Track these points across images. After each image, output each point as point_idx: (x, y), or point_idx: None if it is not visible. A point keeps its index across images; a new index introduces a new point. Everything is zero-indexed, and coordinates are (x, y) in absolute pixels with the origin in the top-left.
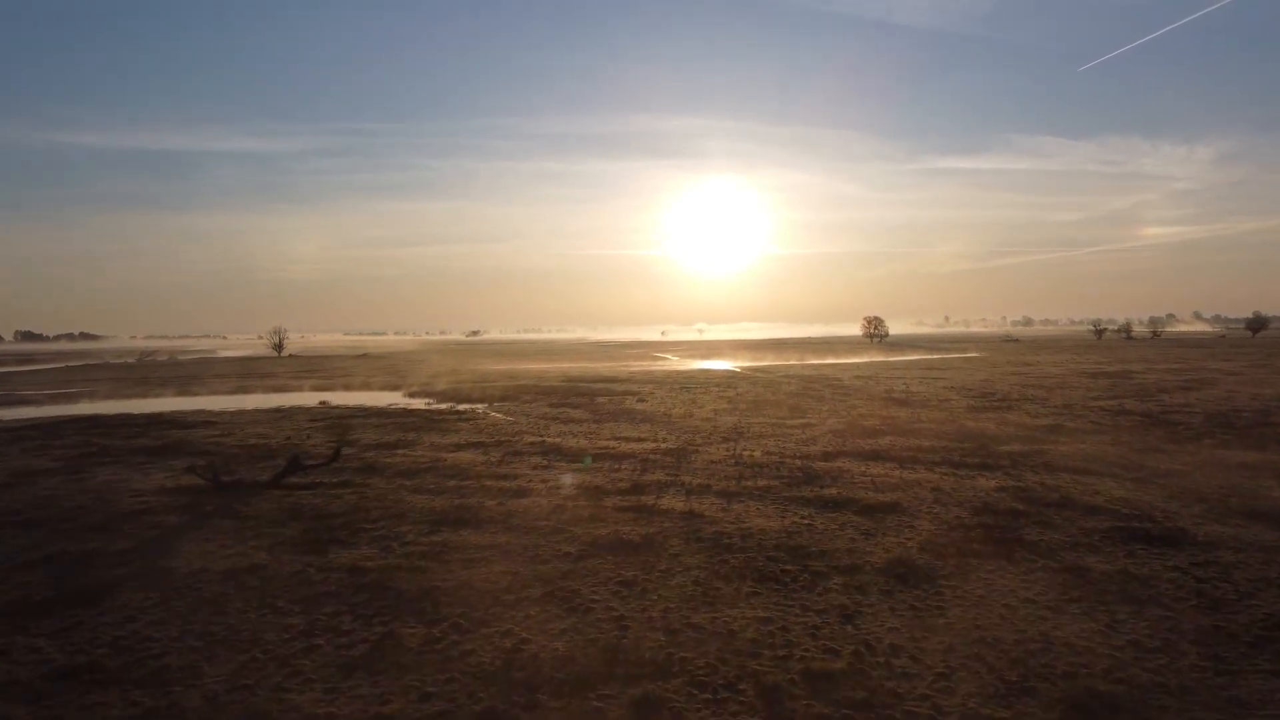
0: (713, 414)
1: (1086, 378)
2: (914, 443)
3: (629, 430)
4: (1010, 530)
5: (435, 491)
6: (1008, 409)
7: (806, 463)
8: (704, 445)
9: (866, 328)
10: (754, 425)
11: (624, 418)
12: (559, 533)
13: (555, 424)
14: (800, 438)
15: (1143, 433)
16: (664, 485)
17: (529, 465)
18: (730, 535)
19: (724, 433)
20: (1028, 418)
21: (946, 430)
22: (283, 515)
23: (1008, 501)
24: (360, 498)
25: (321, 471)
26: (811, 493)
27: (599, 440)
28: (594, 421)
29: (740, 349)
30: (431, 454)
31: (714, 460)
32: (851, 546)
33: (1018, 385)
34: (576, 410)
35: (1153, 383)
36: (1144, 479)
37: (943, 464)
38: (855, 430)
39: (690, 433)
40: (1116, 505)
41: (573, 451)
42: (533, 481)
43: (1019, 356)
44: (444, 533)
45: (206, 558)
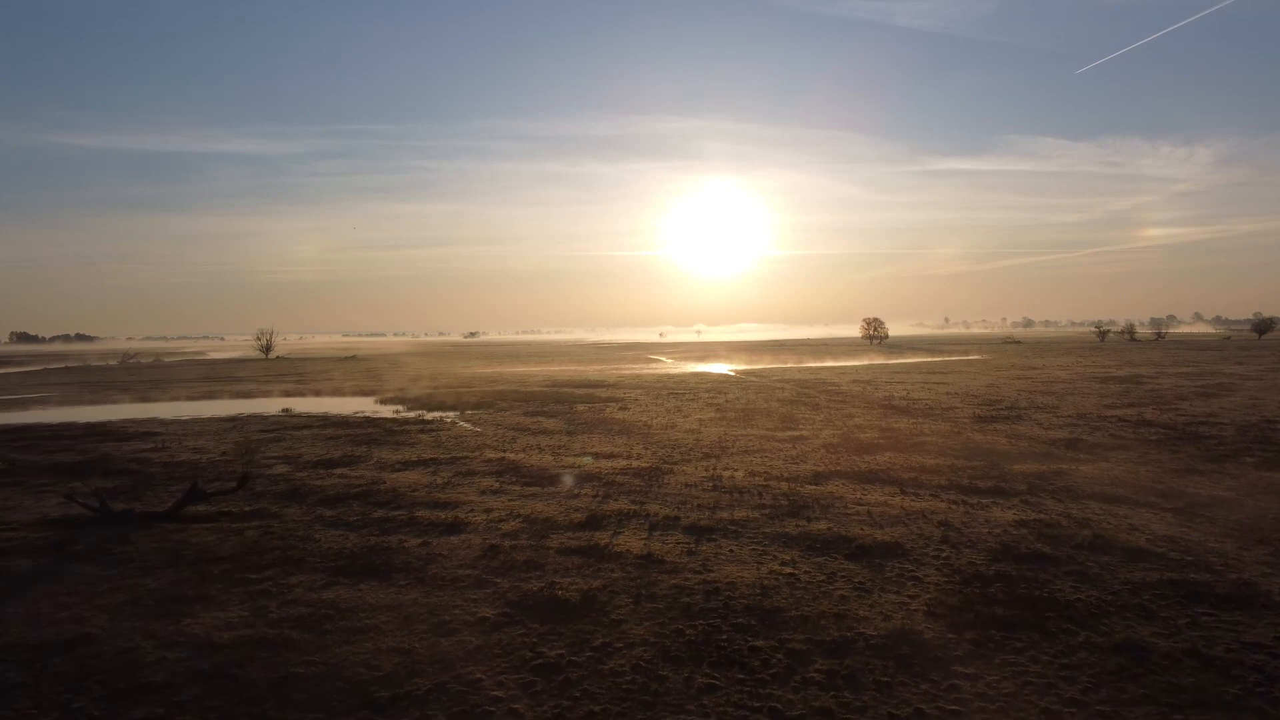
0: (697, 425)
1: (1096, 383)
2: (916, 461)
3: (602, 444)
4: (1038, 584)
5: (355, 525)
6: (1017, 419)
7: (794, 487)
8: (681, 463)
9: (866, 329)
10: (740, 439)
11: (600, 429)
12: (481, 586)
13: (524, 436)
14: (790, 454)
15: (1171, 449)
16: (625, 517)
17: (477, 489)
18: (692, 591)
19: (706, 448)
20: (1040, 429)
21: (952, 446)
22: (158, 559)
23: (1030, 541)
24: (263, 533)
25: (232, 499)
26: (797, 528)
27: (565, 457)
28: (566, 434)
29: (736, 351)
30: (373, 474)
31: (689, 483)
32: (841, 609)
33: (1025, 391)
34: (551, 420)
35: (1168, 389)
36: (1187, 510)
37: (950, 488)
38: (851, 445)
39: (669, 448)
40: (1162, 547)
41: (533, 471)
42: (474, 512)
43: (1022, 359)
44: (341, 586)
45: (29, 623)
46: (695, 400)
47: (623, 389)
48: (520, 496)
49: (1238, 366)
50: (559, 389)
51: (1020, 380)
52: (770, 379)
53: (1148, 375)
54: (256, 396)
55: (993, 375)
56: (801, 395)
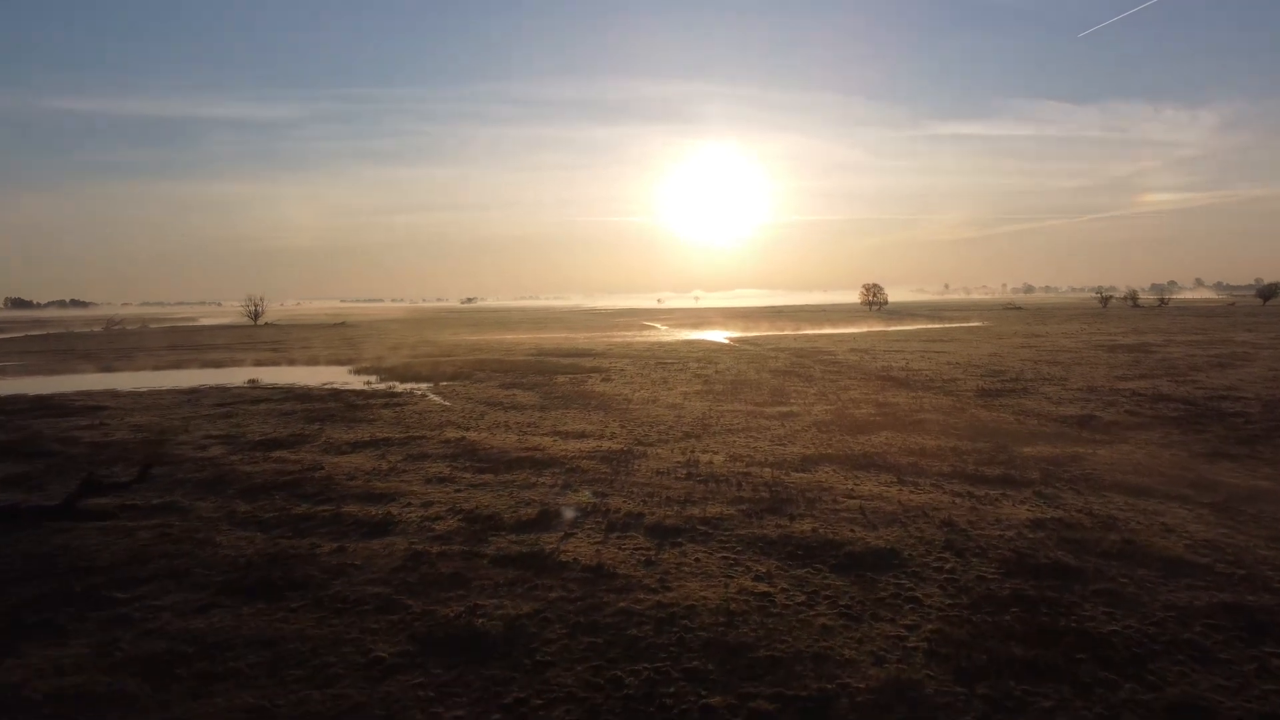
0: (681, 399)
1: (1104, 351)
2: (916, 441)
3: (575, 422)
4: (1063, 610)
5: (268, 524)
6: (1024, 393)
7: (778, 474)
8: (657, 445)
9: (865, 295)
10: (725, 415)
11: (577, 403)
12: (388, 611)
13: (493, 412)
14: (777, 434)
15: (1194, 428)
16: (582, 514)
17: (423, 477)
18: (643, 619)
19: (687, 426)
20: (1050, 404)
21: (955, 424)
22: (20, 569)
23: (1050, 549)
24: (158, 535)
25: (144, 490)
26: (777, 528)
27: (532, 436)
28: (539, 409)
29: (733, 318)
30: (314, 458)
31: (661, 470)
32: (822, 647)
33: (1030, 361)
34: (527, 393)
35: (1180, 358)
36: (1225, 505)
37: (953, 476)
38: (845, 423)
39: (646, 425)
40: (1205, 556)
41: (492, 453)
42: (410, 506)
43: (1025, 326)
44: (219, 610)
45: None
46: (683, 371)
47: (609, 358)
48: (469, 486)
49: (1248, 334)
50: (543, 358)
51: (1024, 349)
52: (764, 347)
53: (1156, 343)
54: (229, 366)
55: (995, 343)
56: (795, 365)
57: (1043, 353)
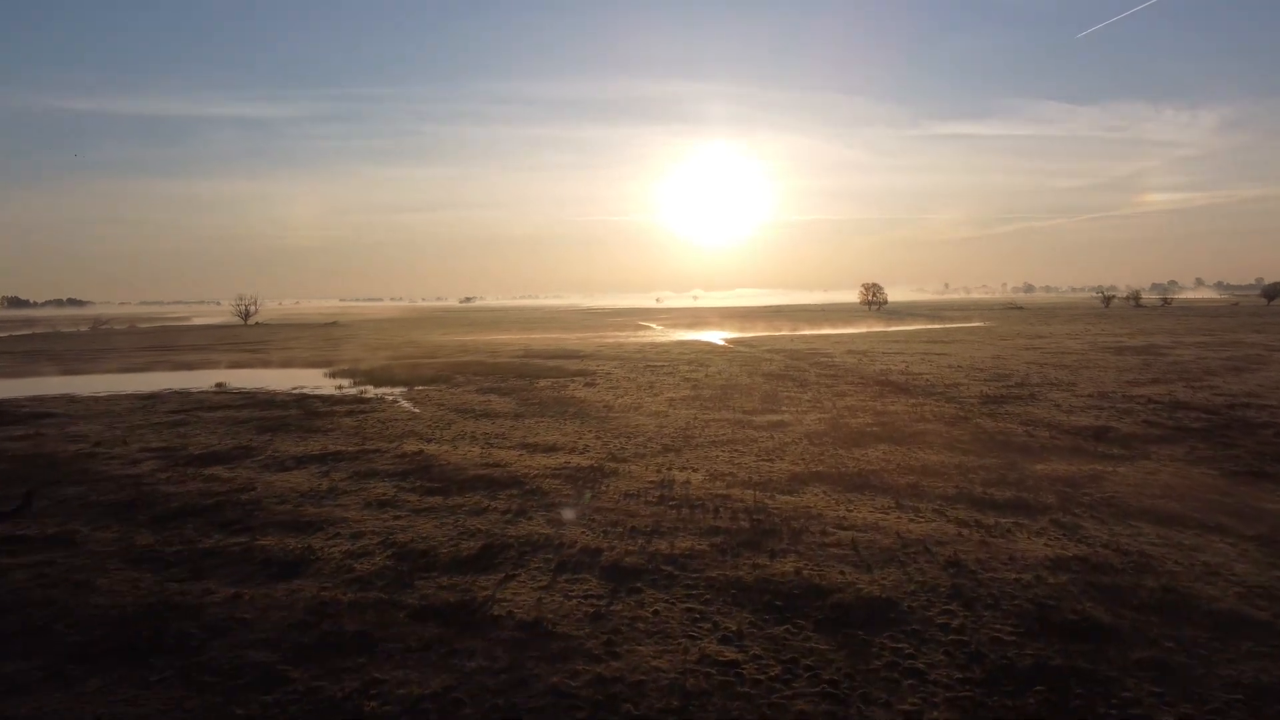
0: (666, 406)
1: (1111, 354)
2: (917, 457)
3: (548, 432)
4: (1101, 690)
5: (169, 560)
6: (1031, 399)
7: (761, 498)
8: (632, 461)
9: (864, 295)
10: (710, 425)
11: (554, 411)
12: (262, 688)
13: (462, 420)
14: (765, 447)
15: (1221, 442)
16: (531, 548)
17: (363, 500)
18: (577, 701)
19: (668, 438)
20: (1060, 414)
21: (958, 436)
22: None
23: (1077, 599)
24: (34, 577)
25: (42, 518)
26: (754, 569)
27: (498, 449)
28: (512, 417)
29: (730, 318)
30: (250, 475)
31: (631, 491)
32: None
33: (1035, 364)
34: (504, 399)
35: (1191, 361)
36: (1272, 538)
37: (959, 500)
38: (839, 434)
39: (624, 437)
40: (1263, 609)
41: (448, 470)
42: (337, 538)
43: (1027, 327)
44: (59, 684)
45: None
46: (672, 375)
47: (598, 360)
48: (411, 513)
49: (1257, 335)
50: (529, 360)
51: (1028, 351)
52: (759, 349)
53: (1164, 345)
54: (200, 368)
55: (997, 345)
56: (789, 369)
57: (1048, 355)
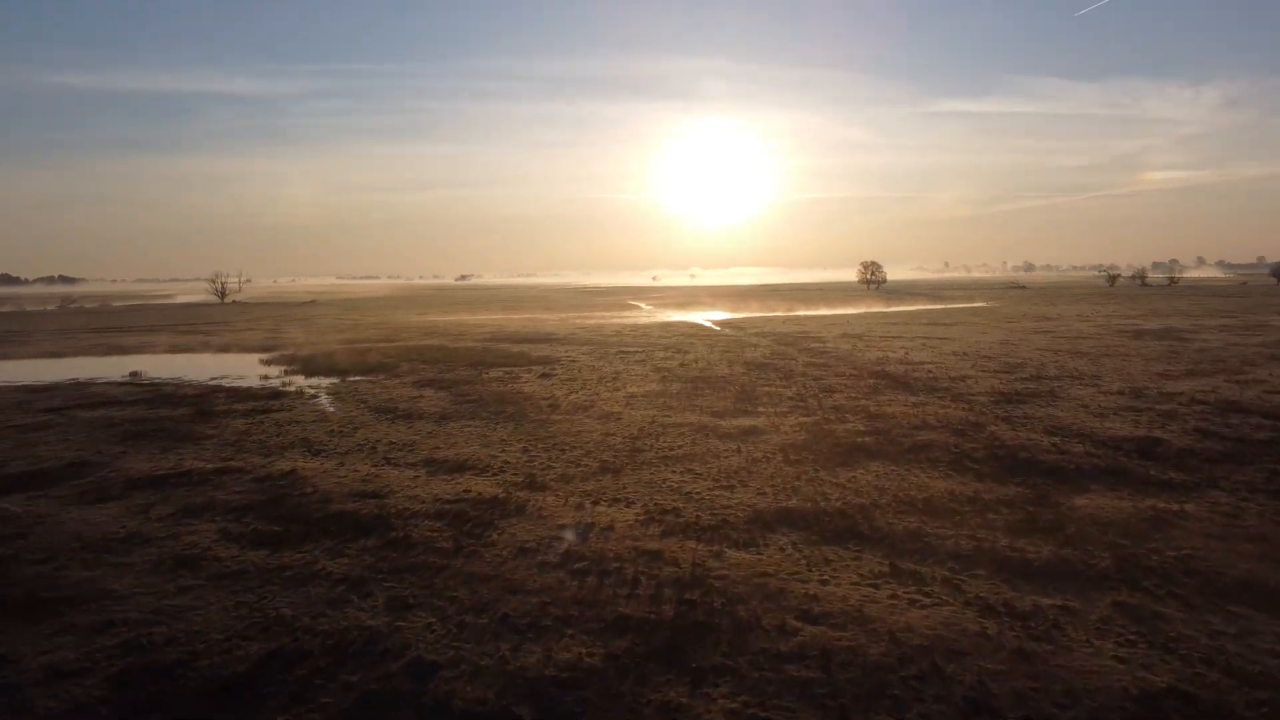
0: (624, 404)
1: (1130, 338)
2: (919, 485)
3: (468, 442)
4: None
5: None
6: (1052, 398)
7: (705, 556)
8: (552, 488)
9: (863, 274)
10: (668, 432)
11: (490, 410)
12: None
13: (375, 424)
14: (727, 466)
15: None
16: (336, 659)
17: (160, 555)
18: None
19: (612, 450)
20: (1090, 417)
21: (970, 451)
22: None
23: None
24: None
25: None
26: (664, 705)
27: (394, 468)
28: (437, 419)
29: (725, 297)
30: (46, 510)
31: (530, 544)
32: None
33: (1049, 351)
34: (440, 394)
35: (1222, 348)
36: None
37: (979, 561)
38: (822, 447)
39: (559, 449)
40: None
41: (308, 502)
42: (63, 637)
43: (1033, 307)
44: None
45: None
46: (644, 363)
47: (568, 345)
48: (210, 580)
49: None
50: (493, 345)
51: (1038, 335)
52: (747, 332)
53: (1185, 329)
54: (134, 353)
55: (1004, 327)
56: (776, 356)
57: (1060, 340)
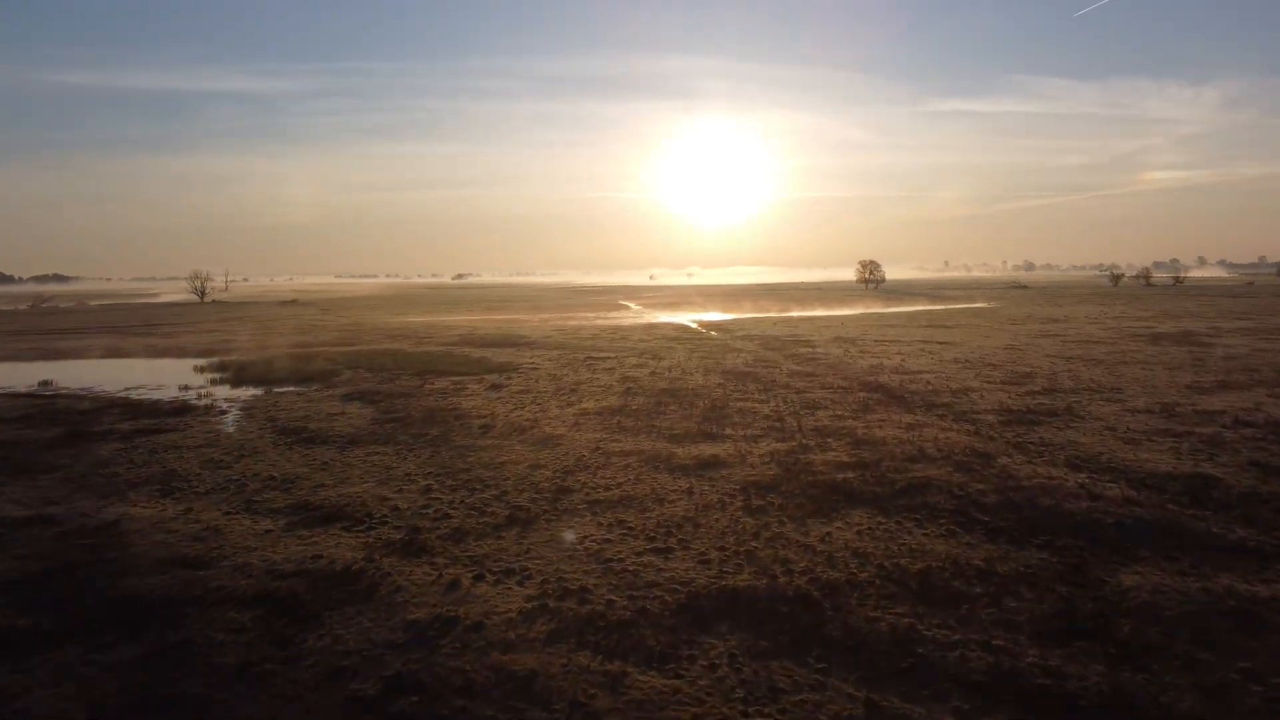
0: (570, 424)
1: (1145, 343)
2: (912, 546)
3: (364, 477)
4: None
5: None
6: (1070, 416)
7: (602, 676)
8: (441, 547)
9: (861, 273)
10: (611, 464)
11: (412, 432)
12: None
13: (269, 450)
14: (670, 516)
15: None
16: None
17: None
18: None
19: (534, 490)
20: (1121, 445)
21: (979, 494)
22: None
23: None
24: None
25: None
26: None
27: (246, 517)
28: (346, 443)
29: (719, 297)
30: None
31: (362, 656)
32: None
33: (1060, 358)
34: (367, 409)
35: (1250, 355)
36: None
37: (998, 694)
38: (795, 487)
39: (473, 486)
40: None
41: (93, 579)
42: None
43: (1037, 308)
44: None
45: None
46: (612, 371)
47: (536, 350)
48: None
49: None
50: (455, 349)
51: (1046, 339)
52: (734, 334)
53: (1203, 332)
54: (61, 358)
55: (1009, 330)
56: (759, 363)
57: (1071, 344)
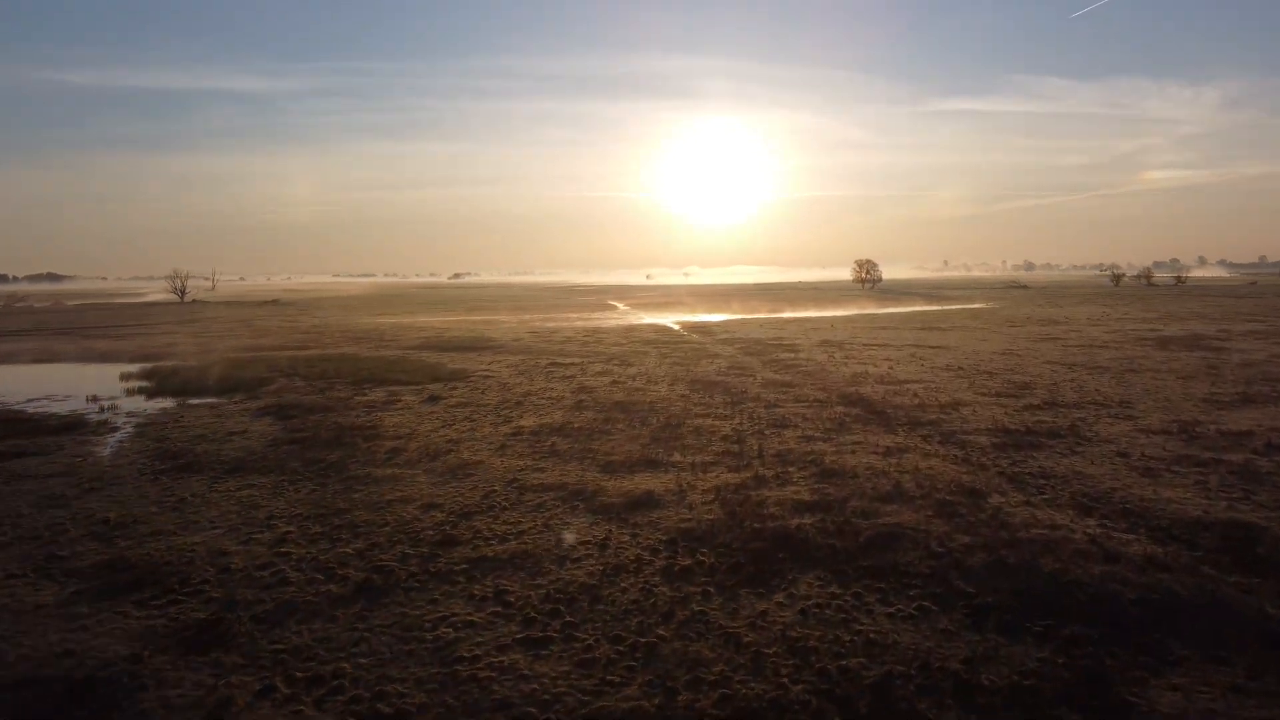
0: (499, 446)
1: (1153, 348)
2: (871, 638)
3: (219, 520)
4: None
5: None
6: (1074, 439)
7: None
8: (243, 641)
9: (858, 273)
10: (525, 500)
11: (307, 457)
12: None
13: (123, 483)
14: (564, 585)
15: None
16: None
17: None
18: None
19: (413, 543)
20: (1136, 478)
21: (963, 553)
22: None
23: None
24: None
25: None
26: None
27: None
28: (222, 473)
29: (711, 297)
30: None
31: None
32: None
33: (1062, 365)
34: (275, 426)
35: (1268, 362)
36: None
37: None
38: (735, 539)
39: (341, 537)
40: None
41: None
42: None
43: (1037, 309)
44: None
45: None
46: (571, 379)
47: (501, 354)
48: None
49: None
50: (411, 354)
51: (1046, 343)
52: (715, 337)
53: (1213, 335)
54: None
55: (1006, 333)
56: (733, 370)
57: (1073, 349)
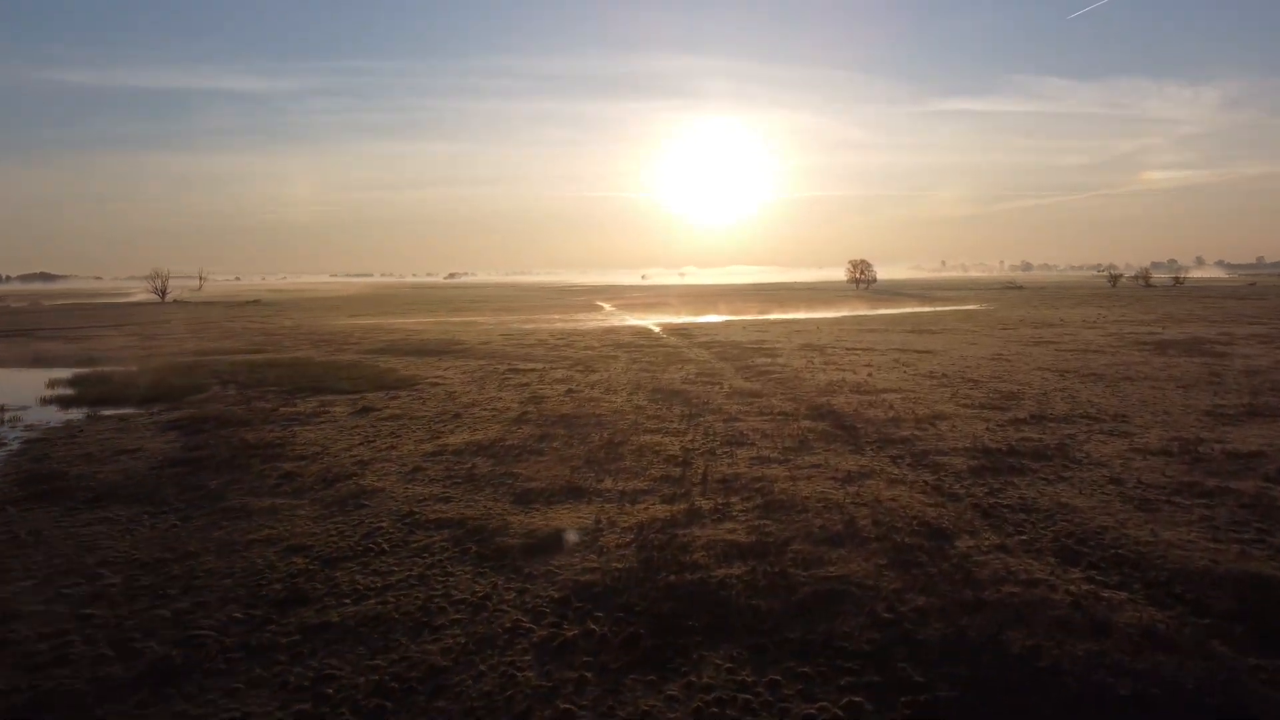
0: (411, 471)
1: (1152, 353)
2: None
3: (21, 578)
4: None
5: None
6: (1063, 461)
7: None
8: None
9: (852, 273)
10: (414, 541)
11: (187, 484)
12: None
13: None
14: (411, 666)
15: None
16: None
17: None
18: None
19: (262, 594)
20: (1130, 513)
21: (916, 623)
22: None
23: None
24: None
25: None
26: None
27: None
28: (81, 505)
29: (701, 298)
30: None
31: None
32: None
33: (1053, 371)
34: (173, 444)
35: (1274, 368)
36: None
37: None
38: (644, 599)
39: (170, 593)
40: None
41: None
42: None
43: (1031, 311)
44: None
45: None
46: (523, 389)
47: (457, 360)
48: None
49: None
50: (368, 358)
51: (1038, 347)
52: (693, 340)
53: (1214, 339)
54: None
55: (997, 337)
56: (701, 377)
57: (1066, 354)
